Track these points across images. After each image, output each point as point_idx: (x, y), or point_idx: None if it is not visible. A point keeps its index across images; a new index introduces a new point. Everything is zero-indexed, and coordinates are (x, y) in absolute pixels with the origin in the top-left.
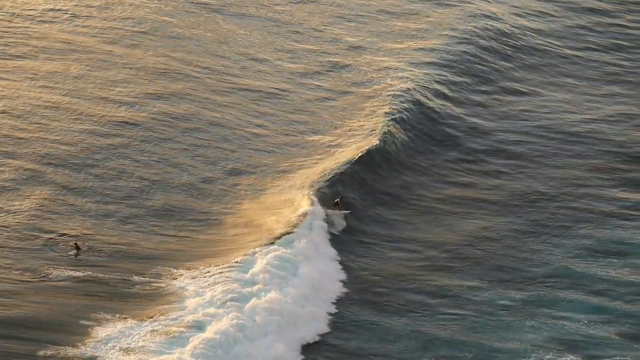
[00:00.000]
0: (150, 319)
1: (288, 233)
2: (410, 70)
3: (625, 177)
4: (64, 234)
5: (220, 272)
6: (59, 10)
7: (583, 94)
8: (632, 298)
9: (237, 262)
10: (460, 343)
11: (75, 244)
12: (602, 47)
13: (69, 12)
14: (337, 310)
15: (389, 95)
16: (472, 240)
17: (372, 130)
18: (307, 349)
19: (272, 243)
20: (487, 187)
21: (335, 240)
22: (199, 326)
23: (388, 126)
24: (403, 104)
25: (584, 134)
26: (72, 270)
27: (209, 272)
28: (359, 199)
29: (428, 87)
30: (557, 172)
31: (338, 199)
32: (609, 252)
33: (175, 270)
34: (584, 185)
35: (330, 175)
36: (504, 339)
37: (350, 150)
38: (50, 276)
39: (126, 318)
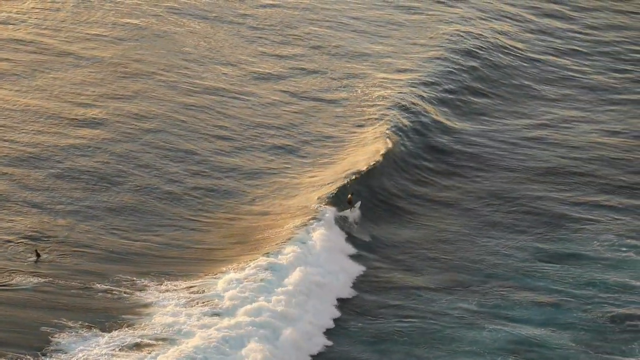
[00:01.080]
0: (117, 330)
1: (264, 242)
2: (378, 75)
3: (580, 181)
4: (24, 239)
5: (192, 283)
6: (25, 13)
7: (541, 98)
8: (587, 305)
9: (211, 273)
10: (417, 349)
11: (36, 250)
12: (561, 51)
13: (33, 15)
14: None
15: (354, 99)
16: (430, 242)
17: (337, 135)
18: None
19: (248, 255)
20: (445, 188)
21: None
22: (172, 340)
23: (357, 132)
24: (368, 110)
25: (539, 137)
26: (32, 276)
27: (176, 284)
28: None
29: (398, 91)
30: (514, 175)
31: (349, 195)
32: (565, 258)
33: (138, 280)
34: (540, 189)
35: (304, 181)
36: (461, 344)
37: (315, 155)
38: (11, 282)
39: (90, 327)
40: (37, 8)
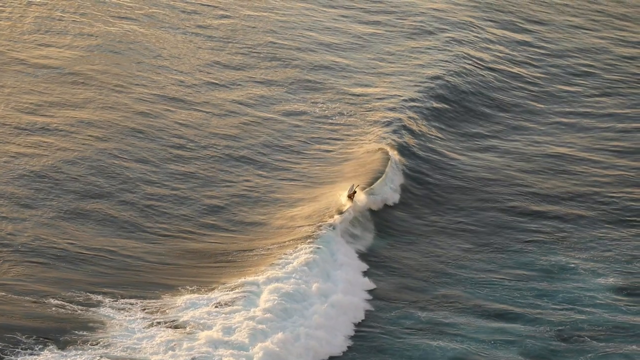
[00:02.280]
0: (72, 346)
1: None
2: (340, 88)
3: (530, 192)
4: None
5: (150, 301)
6: None
7: (494, 108)
8: (535, 318)
9: (171, 289)
10: None
11: None
12: (515, 62)
13: None
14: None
15: (314, 112)
16: (377, 250)
17: (297, 147)
18: None
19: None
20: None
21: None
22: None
23: (316, 144)
24: (329, 121)
25: (490, 147)
26: None
27: (133, 301)
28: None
29: (360, 102)
30: (463, 184)
31: (353, 192)
32: (513, 270)
33: (93, 294)
34: (490, 200)
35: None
36: (411, 358)
37: (277, 168)
38: None
39: (45, 343)
40: None
